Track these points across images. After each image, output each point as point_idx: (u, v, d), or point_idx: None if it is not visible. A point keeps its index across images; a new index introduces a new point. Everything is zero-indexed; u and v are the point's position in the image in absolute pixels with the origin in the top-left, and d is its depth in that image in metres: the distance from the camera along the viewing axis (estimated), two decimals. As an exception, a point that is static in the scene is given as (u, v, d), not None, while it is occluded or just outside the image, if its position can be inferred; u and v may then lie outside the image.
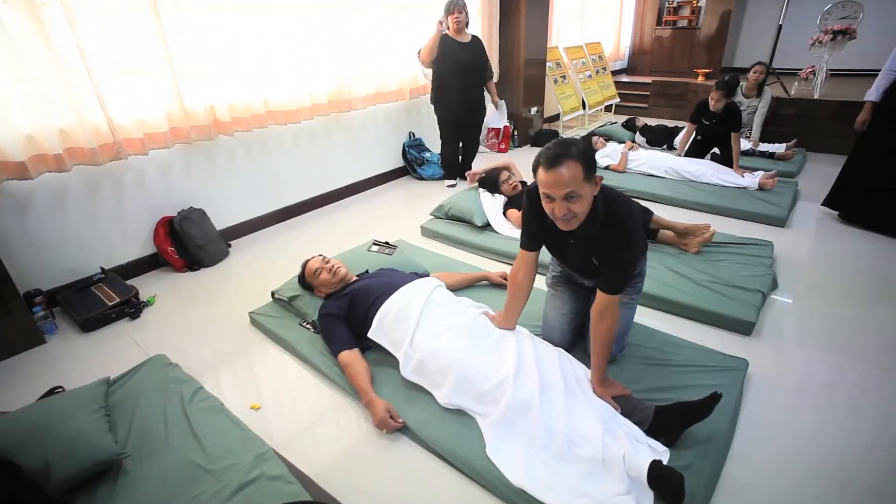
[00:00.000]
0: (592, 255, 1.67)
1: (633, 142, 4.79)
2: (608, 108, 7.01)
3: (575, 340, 2.01)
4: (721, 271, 2.51)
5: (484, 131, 5.30)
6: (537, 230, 1.73)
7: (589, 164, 1.45)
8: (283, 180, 3.58)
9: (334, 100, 3.66)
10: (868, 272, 2.76)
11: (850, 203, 3.32)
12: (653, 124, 5.22)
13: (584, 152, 1.44)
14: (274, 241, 3.33)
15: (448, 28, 3.73)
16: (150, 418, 1.65)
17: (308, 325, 2.22)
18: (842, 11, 5.39)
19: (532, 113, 5.43)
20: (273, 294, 2.42)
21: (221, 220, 3.21)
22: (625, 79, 7.83)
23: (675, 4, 8.25)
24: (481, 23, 4.89)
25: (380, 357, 1.96)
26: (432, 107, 4.08)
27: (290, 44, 3.24)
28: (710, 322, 2.25)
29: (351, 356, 1.88)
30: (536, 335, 1.96)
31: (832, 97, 5.28)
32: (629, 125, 5.30)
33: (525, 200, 1.73)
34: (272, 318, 2.32)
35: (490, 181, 3.28)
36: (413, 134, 4.58)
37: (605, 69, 6.95)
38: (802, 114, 5.32)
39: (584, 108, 6.20)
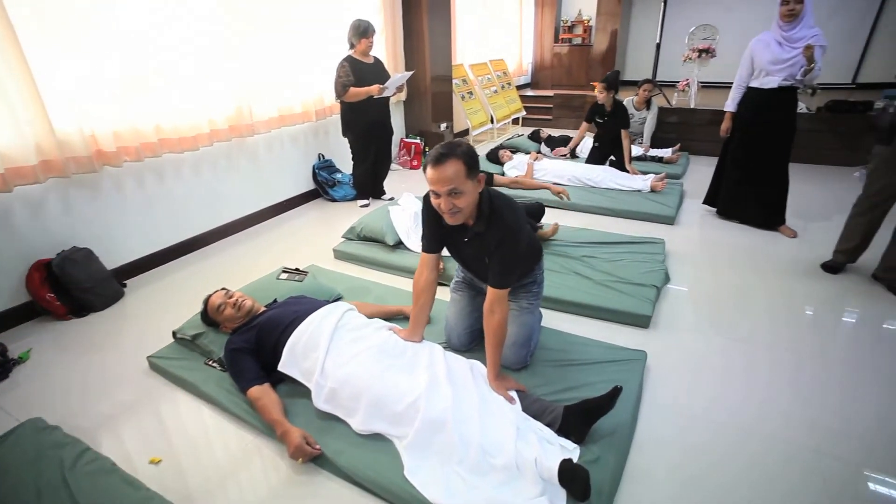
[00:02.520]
0: (484, 253, 1.77)
1: (539, 152, 5.05)
2: (515, 121, 7.34)
3: (472, 343, 2.11)
4: (620, 270, 2.70)
5: (395, 150, 5.34)
6: (436, 232, 1.84)
7: (471, 164, 1.60)
8: (184, 211, 3.36)
9: (235, 124, 3.51)
10: (743, 260, 3.09)
11: (722, 200, 3.73)
12: (556, 135, 5.53)
13: (467, 153, 1.60)
14: (176, 278, 3.10)
15: (384, 93, 3.81)
16: (16, 497, 1.44)
17: (214, 364, 2.09)
18: (703, 33, 6.09)
19: (442, 129, 5.55)
20: (175, 334, 2.25)
21: (113, 258, 2.93)
22: (529, 93, 8.27)
23: (569, 24, 8.88)
24: (385, 43, 4.94)
25: (291, 389, 1.88)
26: (341, 127, 4.05)
27: (183, 64, 3.07)
28: (612, 319, 2.40)
29: (261, 390, 1.79)
30: (442, 344, 2.03)
31: (705, 106, 5.92)
32: (534, 137, 5.59)
33: (423, 206, 1.85)
34: (174, 360, 2.15)
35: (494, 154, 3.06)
36: (322, 156, 4.50)
37: (509, 84, 7.29)
38: (683, 121, 5.91)
39: (492, 122, 6.44)
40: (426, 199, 1.81)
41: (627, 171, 4.33)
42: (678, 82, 6.37)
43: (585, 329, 2.30)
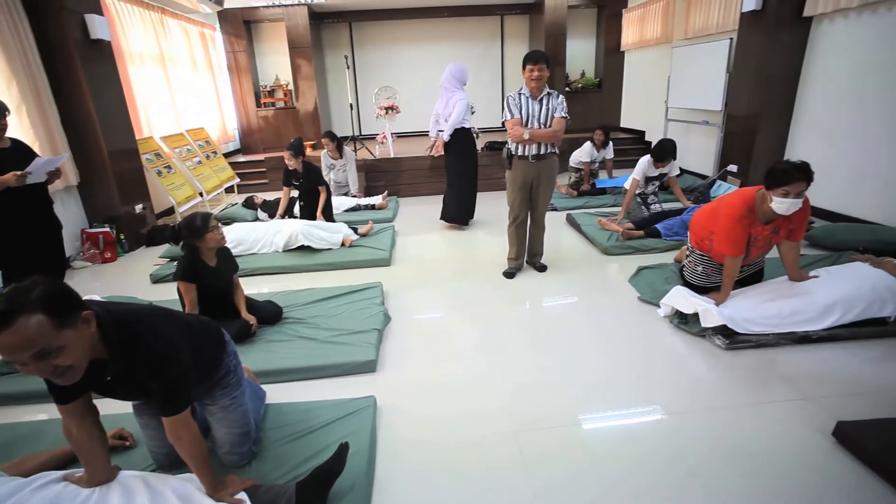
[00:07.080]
0: (140, 386, 1.45)
1: (257, 219, 4.91)
2: (230, 190, 6.99)
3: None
4: (342, 322, 2.80)
5: (74, 244, 4.43)
6: None
7: (57, 310, 1.14)
8: None
9: None
10: (451, 281, 3.61)
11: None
12: (271, 199, 5.46)
13: (44, 297, 1.12)
14: None
15: (26, 182, 2.98)
16: None
17: None
18: (386, 93, 7.05)
19: (138, 211, 4.86)
20: None
21: None
22: (241, 158, 8.02)
23: (269, 88, 9.01)
24: (31, 122, 4.08)
25: None
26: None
27: None
28: (342, 373, 2.45)
29: None
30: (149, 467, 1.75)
31: (403, 154, 6.81)
32: (248, 204, 5.42)
33: None
34: None
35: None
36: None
37: (215, 153, 6.92)
38: (389, 169, 6.64)
39: (202, 195, 5.98)
40: None
41: (325, 220, 4.54)
42: (378, 135, 7.17)
43: (318, 392, 2.29)
